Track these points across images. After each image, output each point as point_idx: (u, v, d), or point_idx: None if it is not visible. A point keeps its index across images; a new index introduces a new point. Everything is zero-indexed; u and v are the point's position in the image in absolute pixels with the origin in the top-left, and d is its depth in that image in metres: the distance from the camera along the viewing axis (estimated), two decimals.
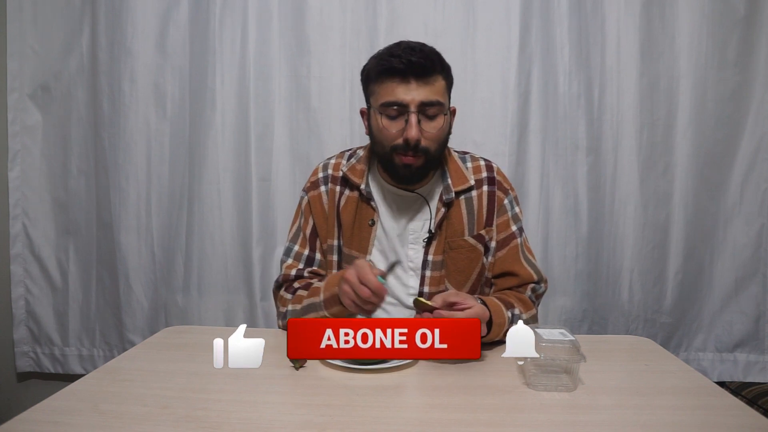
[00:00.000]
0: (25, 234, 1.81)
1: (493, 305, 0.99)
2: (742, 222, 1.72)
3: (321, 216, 1.16)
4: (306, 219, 1.18)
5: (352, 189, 1.14)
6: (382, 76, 1.03)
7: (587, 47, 1.67)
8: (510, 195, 1.17)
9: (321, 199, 1.16)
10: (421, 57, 1.00)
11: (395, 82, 1.01)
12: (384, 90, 1.03)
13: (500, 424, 0.70)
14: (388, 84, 1.02)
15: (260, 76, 1.69)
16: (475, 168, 1.16)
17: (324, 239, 1.16)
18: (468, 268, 1.13)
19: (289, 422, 0.69)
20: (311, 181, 1.19)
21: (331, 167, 1.18)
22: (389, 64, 1.01)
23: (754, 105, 1.68)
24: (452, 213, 1.12)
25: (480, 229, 1.13)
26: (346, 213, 1.13)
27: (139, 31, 1.69)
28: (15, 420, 0.68)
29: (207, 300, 1.76)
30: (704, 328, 1.76)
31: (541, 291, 1.15)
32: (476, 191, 1.13)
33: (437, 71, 1.03)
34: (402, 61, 0.99)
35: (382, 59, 1.03)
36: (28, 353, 1.85)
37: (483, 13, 1.66)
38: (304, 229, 1.17)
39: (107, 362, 0.93)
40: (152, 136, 1.74)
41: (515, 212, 1.16)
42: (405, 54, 1.00)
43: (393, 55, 1.01)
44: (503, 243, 1.14)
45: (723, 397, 0.79)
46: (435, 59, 1.03)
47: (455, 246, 1.12)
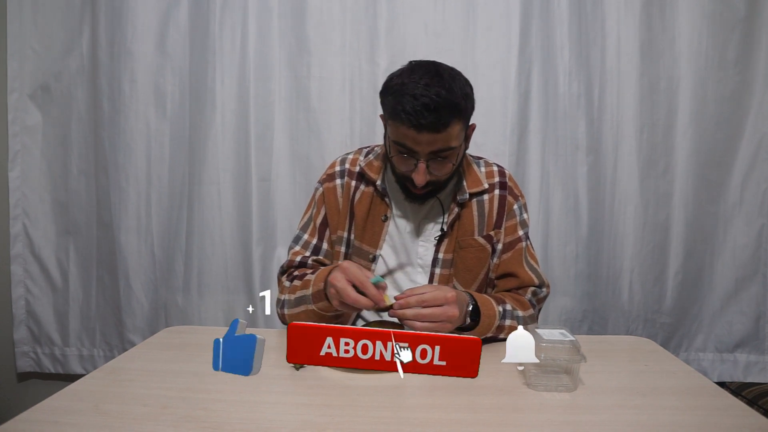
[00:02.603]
0: (25, 234, 1.81)
1: (481, 299, 1.00)
2: (742, 222, 1.72)
3: (333, 207, 1.18)
4: (318, 209, 1.20)
5: (367, 184, 1.16)
6: (395, 120, 0.98)
7: (587, 47, 1.67)
8: (520, 201, 1.19)
9: (335, 191, 1.18)
10: (433, 119, 0.94)
11: (407, 129, 0.97)
12: (396, 130, 1.00)
13: (500, 424, 0.70)
14: (401, 129, 0.98)
15: (260, 76, 1.69)
16: (488, 173, 1.18)
17: (334, 230, 1.18)
18: (476, 266, 1.15)
19: (289, 422, 0.69)
20: (327, 174, 1.21)
21: (348, 162, 1.20)
22: (401, 119, 0.96)
23: (754, 105, 1.69)
24: (464, 213, 1.14)
25: (489, 230, 1.15)
26: (361, 207, 1.15)
27: (139, 31, 1.69)
28: (15, 420, 0.68)
29: (207, 300, 1.76)
30: (704, 329, 1.76)
31: (542, 295, 1.16)
32: (488, 195, 1.16)
33: (452, 121, 0.97)
34: (412, 122, 0.94)
35: (396, 109, 0.96)
36: (28, 353, 1.85)
37: (483, 13, 1.66)
38: (314, 219, 1.20)
39: (107, 362, 0.93)
40: (152, 136, 1.74)
41: (523, 218, 1.19)
42: (416, 115, 0.94)
43: (405, 111, 0.94)
44: (509, 246, 1.16)
45: (723, 397, 0.79)
46: (449, 112, 0.96)
47: (465, 245, 1.13)
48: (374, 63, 1.67)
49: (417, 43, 1.67)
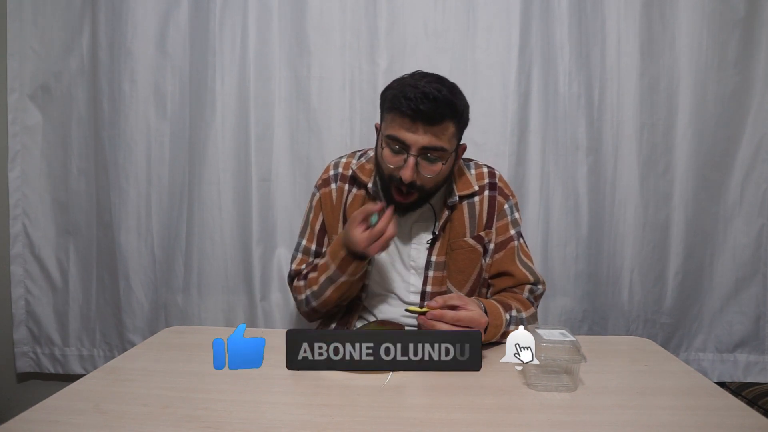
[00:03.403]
0: (25, 234, 1.81)
1: (491, 308, 1.01)
2: (742, 222, 1.72)
3: (330, 212, 1.20)
4: (316, 215, 1.22)
5: (359, 187, 1.18)
6: (393, 112, 1.03)
7: (587, 47, 1.67)
8: (511, 201, 1.20)
9: (331, 195, 1.21)
10: (431, 107, 0.98)
11: (404, 120, 1.01)
12: (392, 124, 1.04)
13: (500, 424, 0.70)
14: (397, 119, 1.03)
15: (260, 76, 1.68)
16: (478, 174, 1.20)
17: (331, 234, 1.20)
18: (468, 268, 1.16)
19: (289, 422, 0.69)
20: (323, 179, 1.23)
21: (341, 165, 1.23)
22: (400, 105, 1.00)
23: (754, 105, 1.68)
24: (455, 216, 1.15)
25: (480, 231, 1.16)
26: (353, 210, 1.16)
27: (139, 31, 1.69)
28: (15, 420, 0.68)
29: (207, 300, 1.76)
30: (704, 329, 1.76)
31: (539, 292, 1.16)
32: (479, 196, 1.17)
33: (447, 118, 1.02)
34: (411, 107, 0.99)
35: (397, 96, 1.01)
36: (28, 353, 1.85)
37: (483, 13, 1.66)
38: (312, 225, 1.22)
39: (107, 362, 0.93)
40: (152, 136, 1.74)
41: (515, 217, 1.19)
42: (416, 101, 0.98)
43: (406, 97, 0.99)
44: (501, 246, 1.17)
45: (723, 397, 0.79)
46: (447, 107, 1.01)
47: (456, 247, 1.15)
48: (374, 63, 1.67)
49: (417, 43, 1.67)
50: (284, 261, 1.74)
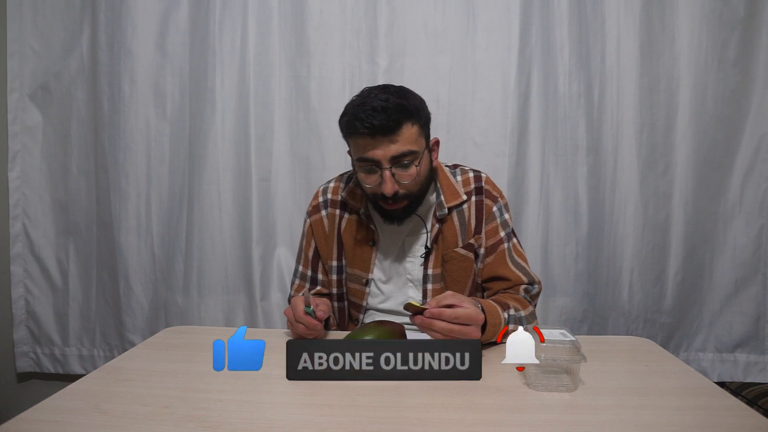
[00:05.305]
0: (25, 234, 1.81)
1: (488, 307, 1.00)
2: (742, 222, 1.72)
3: (322, 238, 1.22)
4: (308, 242, 1.25)
5: (351, 212, 1.20)
6: (353, 136, 1.04)
7: (587, 47, 1.67)
8: (500, 202, 1.19)
9: (322, 222, 1.22)
10: (384, 118, 0.99)
11: (365, 140, 1.02)
12: (356, 147, 1.06)
13: (500, 424, 0.70)
14: (359, 141, 1.04)
15: (260, 76, 1.69)
16: (464, 180, 1.20)
17: (325, 260, 1.23)
18: (463, 277, 1.17)
19: (289, 422, 0.69)
20: (312, 206, 1.25)
21: (330, 191, 1.24)
22: (356, 128, 1.01)
23: (754, 105, 1.68)
24: (446, 227, 1.16)
25: (470, 238, 1.17)
26: (348, 235, 1.19)
27: (139, 31, 1.69)
28: (15, 420, 0.68)
29: (207, 300, 1.76)
30: (704, 329, 1.76)
31: (534, 291, 1.16)
32: (467, 204, 1.17)
33: (404, 121, 1.02)
34: (365, 126, 1.00)
35: (350, 120, 1.03)
36: (28, 353, 1.85)
37: (483, 13, 1.66)
38: (306, 251, 1.25)
39: (107, 362, 0.93)
40: (152, 136, 1.74)
41: (504, 219, 1.19)
42: (368, 118, 0.99)
43: (358, 118, 1.01)
44: (491, 249, 1.17)
45: (723, 397, 0.78)
46: (399, 112, 1.01)
47: (449, 258, 1.16)
48: (374, 63, 1.67)
49: (417, 43, 1.67)
50: (284, 261, 1.74)
